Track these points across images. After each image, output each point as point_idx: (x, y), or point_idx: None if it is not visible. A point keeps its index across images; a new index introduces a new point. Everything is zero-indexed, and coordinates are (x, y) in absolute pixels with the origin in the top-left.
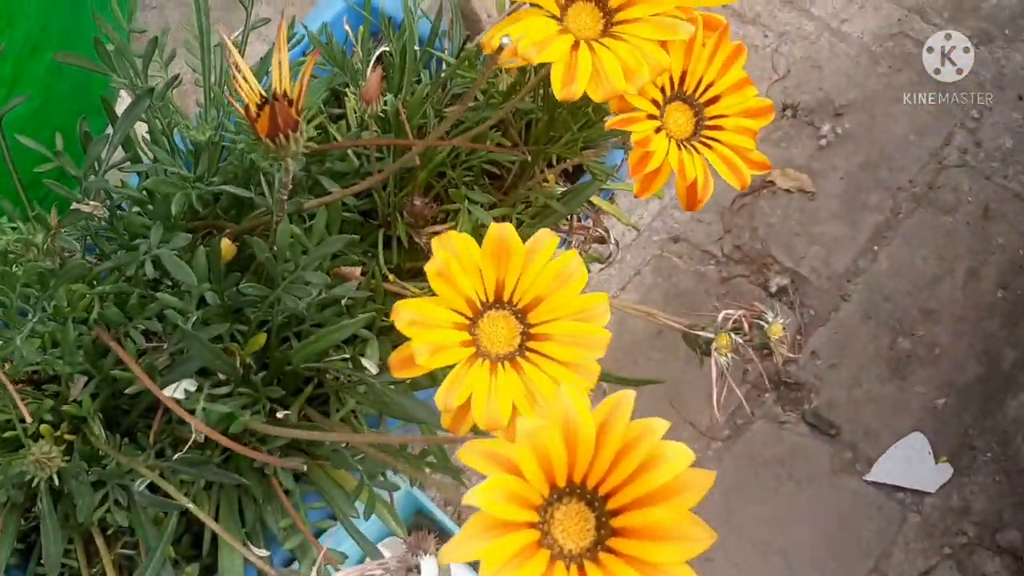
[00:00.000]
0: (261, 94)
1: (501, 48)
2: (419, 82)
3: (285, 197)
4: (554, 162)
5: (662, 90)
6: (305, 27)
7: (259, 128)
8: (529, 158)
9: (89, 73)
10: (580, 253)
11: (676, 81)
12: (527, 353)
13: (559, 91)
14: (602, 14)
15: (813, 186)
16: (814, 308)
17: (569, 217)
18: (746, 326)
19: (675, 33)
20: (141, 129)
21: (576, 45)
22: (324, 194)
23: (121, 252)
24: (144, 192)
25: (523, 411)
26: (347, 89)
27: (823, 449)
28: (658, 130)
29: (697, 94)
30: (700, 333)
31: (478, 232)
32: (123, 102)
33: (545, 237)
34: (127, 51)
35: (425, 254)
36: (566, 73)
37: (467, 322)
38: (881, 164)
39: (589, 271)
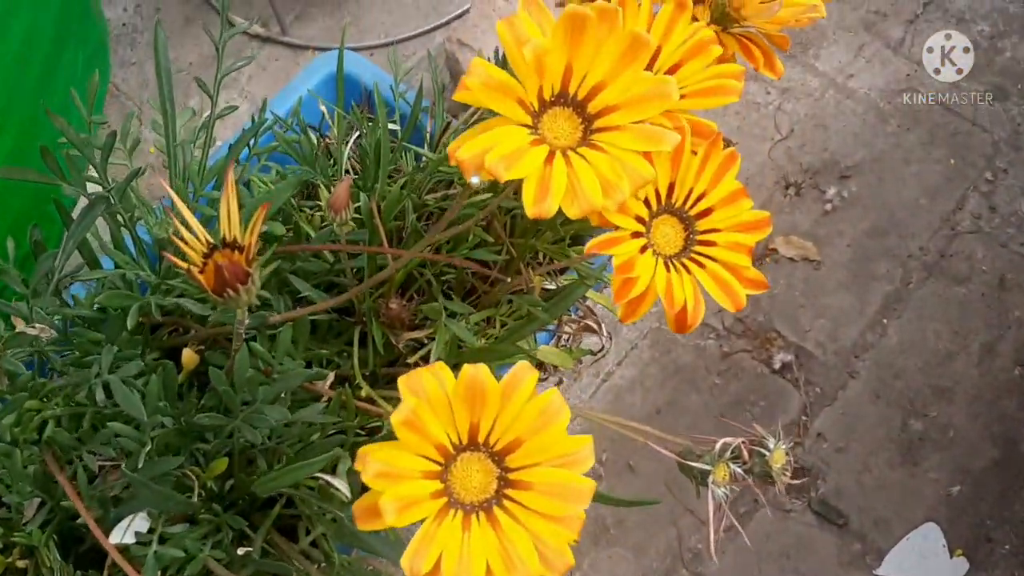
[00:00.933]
0: (208, 242)
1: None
2: (398, 170)
3: (241, 330)
4: (540, 258)
5: (647, 204)
6: (274, 115)
7: (205, 282)
8: (514, 254)
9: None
10: (569, 347)
11: (664, 193)
12: (505, 502)
13: (530, 208)
14: (581, 120)
15: (819, 254)
16: (820, 386)
17: None
18: (746, 454)
19: (659, 144)
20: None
21: (551, 156)
22: (295, 294)
23: (73, 370)
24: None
25: (498, 574)
26: (320, 180)
27: (830, 540)
28: (644, 248)
29: (687, 206)
30: (696, 465)
31: (456, 346)
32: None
33: (523, 375)
34: (88, 145)
35: (403, 358)
36: (538, 189)
37: (438, 468)
38: (890, 230)
39: (580, 362)
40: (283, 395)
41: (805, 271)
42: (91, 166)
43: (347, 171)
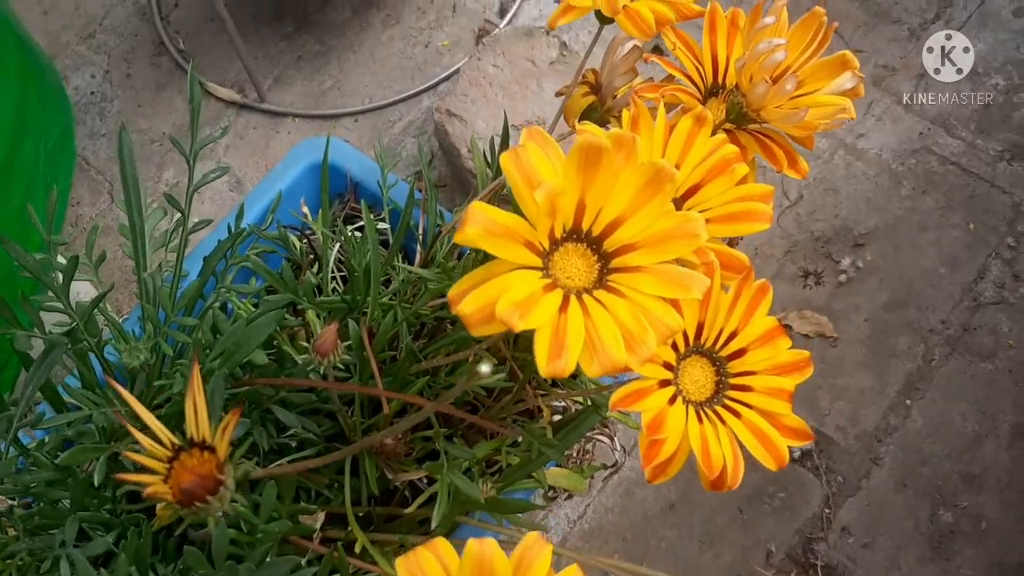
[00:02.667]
0: (173, 444)
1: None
2: (388, 280)
3: (221, 515)
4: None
5: (674, 346)
6: (250, 227)
7: (169, 495)
8: (519, 373)
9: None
10: (580, 465)
11: (692, 335)
12: None
13: (544, 368)
14: (596, 258)
15: (835, 331)
16: (842, 474)
17: None
18: None
19: (687, 290)
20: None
21: (565, 302)
22: (278, 424)
23: (35, 538)
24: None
25: None
26: (305, 305)
27: None
28: (673, 399)
29: (718, 346)
30: None
31: (459, 501)
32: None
33: (536, 553)
34: (47, 270)
35: (401, 495)
36: (553, 343)
37: None
38: (909, 302)
39: (592, 477)
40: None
41: (821, 349)
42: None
43: (332, 276)
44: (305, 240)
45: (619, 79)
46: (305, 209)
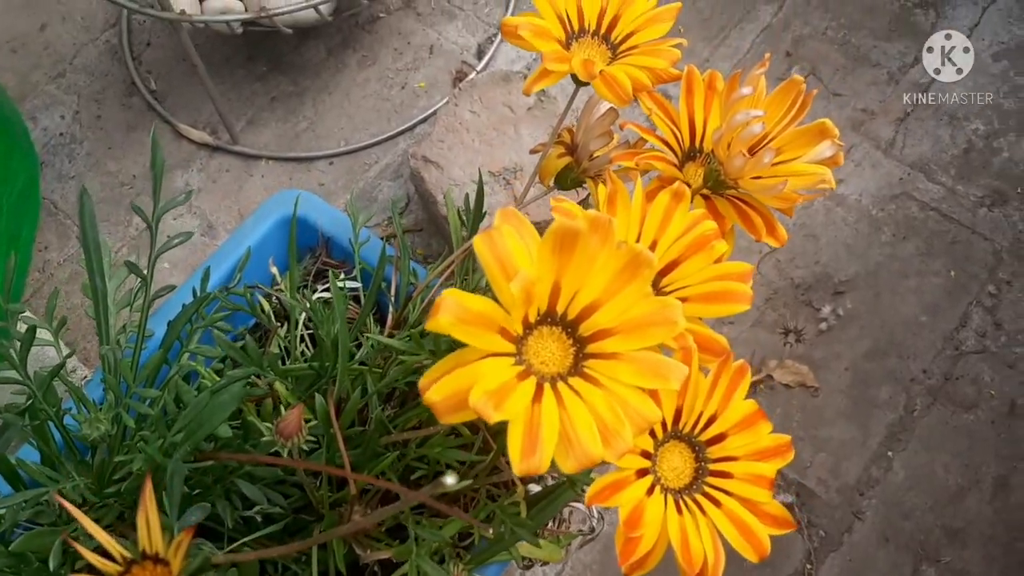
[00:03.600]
0: (124, 558)
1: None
2: (359, 346)
3: None
4: None
5: (652, 434)
6: (215, 293)
7: None
8: (492, 446)
9: None
10: (556, 536)
11: (670, 420)
12: None
13: (518, 465)
14: (572, 342)
15: (816, 380)
16: (824, 528)
17: None
18: None
19: (665, 380)
20: None
21: (539, 391)
22: (243, 499)
23: None
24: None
25: None
26: (272, 379)
27: None
28: (651, 489)
29: (696, 431)
30: None
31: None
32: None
33: None
34: (5, 337)
35: (371, 570)
36: (526, 438)
37: None
38: (890, 351)
39: (568, 545)
40: None
41: (802, 399)
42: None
43: (302, 338)
44: (275, 298)
45: (595, 141)
46: (273, 269)
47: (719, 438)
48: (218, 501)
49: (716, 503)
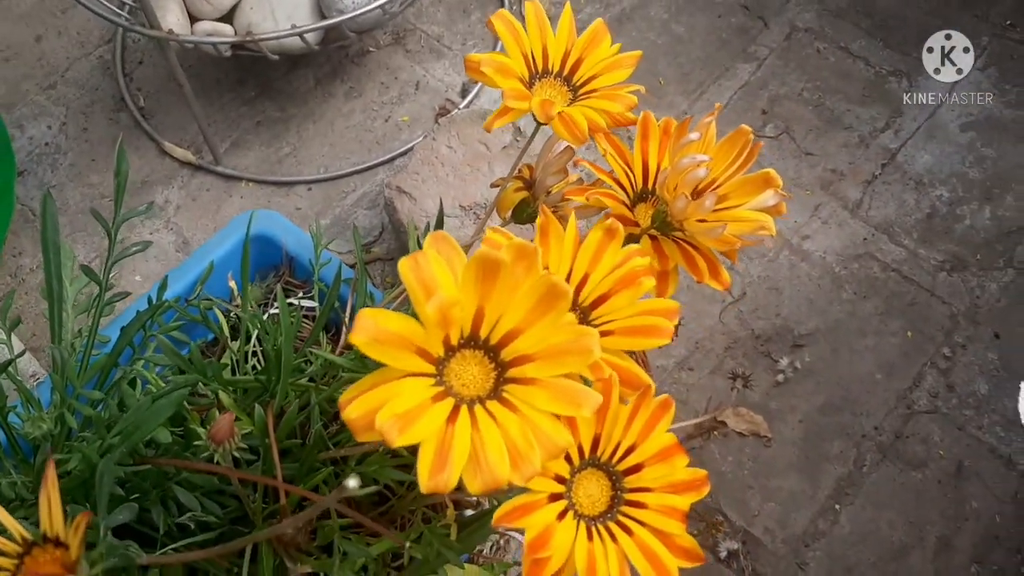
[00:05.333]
0: (24, 539)
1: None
2: (308, 361)
3: None
4: None
5: (568, 459)
6: (173, 303)
7: None
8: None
9: None
10: (492, 563)
11: (587, 447)
12: None
13: (425, 483)
14: (494, 366)
15: (769, 431)
16: None
17: None
18: None
19: (578, 407)
20: None
21: (455, 413)
22: (179, 505)
23: None
24: None
25: None
26: (214, 388)
27: None
28: (563, 514)
29: (614, 460)
30: None
31: None
32: None
33: None
34: None
35: None
36: (436, 458)
37: None
38: (844, 407)
39: (505, 574)
40: None
41: (755, 448)
42: None
43: (254, 353)
44: (233, 314)
45: (551, 178)
46: (232, 283)
47: (636, 468)
48: (154, 507)
49: (629, 532)
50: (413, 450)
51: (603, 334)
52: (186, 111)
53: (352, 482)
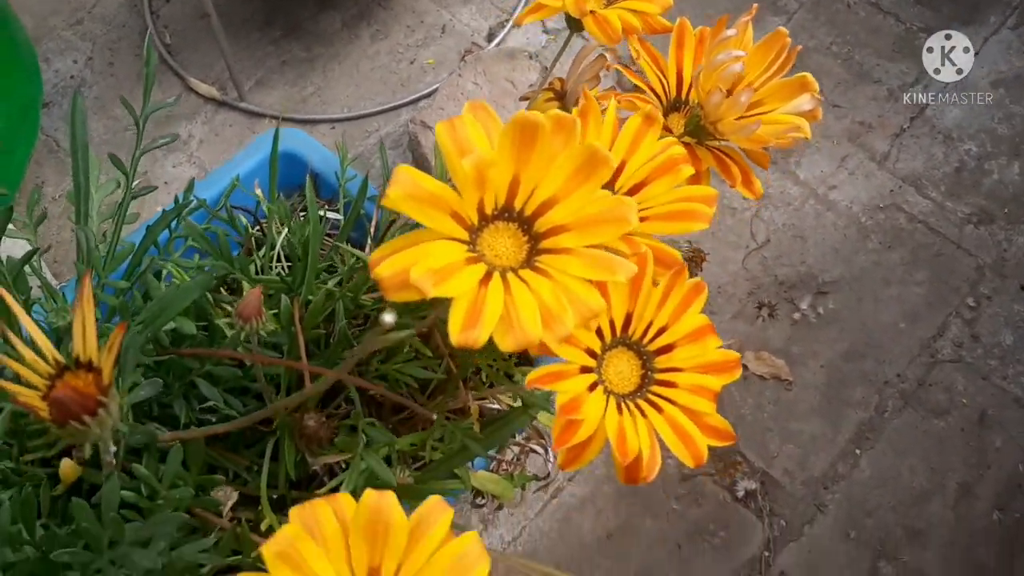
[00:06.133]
0: (57, 361)
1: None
2: (333, 267)
3: (110, 459)
4: (483, 376)
5: (600, 335)
6: (197, 199)
7: (43, 408)
8: (453, 370)
9: None
10: (512, 474)
11: (619, 324)
12: None
13: (455, 336)
14: (527, 239)
15: (791, 374)
16: (785, 518)
17: None
18: None
19: (612, 273)
20: None
21: (487, 278)
22: (201, 399)
23: None
24: None
25: None
26: (241, 276)
27: None
28: (593, 386)
29: (646, 340)
30: None
31: (372, 484)
32: None
33: (436, 515)
34: None
35: (320, 478)
36: (468, 314)
37: None
38: (867, 353)
39: (524, 489)
40: (159, 535)
41: (775, 391)
42: None
43: (279, 265)
44: (258, 227)
45: (584, 86)
46: (258, 191)
47: (667, 348)
48: (176, 400)
49: (658, 409)
50: (437, 353)
51: (641, 219)
52: (212, 48)
53: (388, 317)
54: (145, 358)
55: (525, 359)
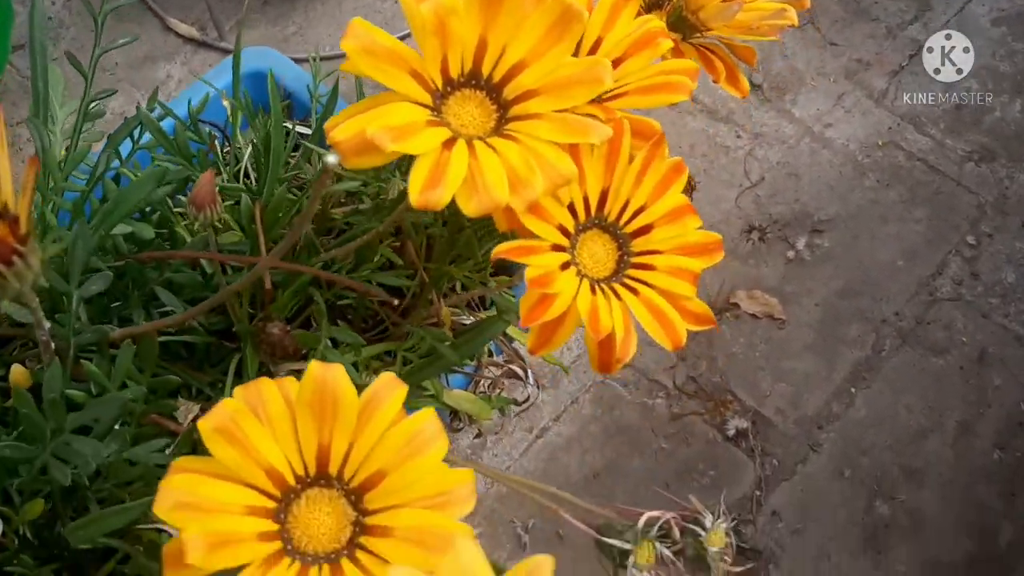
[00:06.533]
0: None
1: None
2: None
3: (46, 338)
4: (458, 289)
5: (573, 212)
6: (161, 104)
7: None
8: (426, 281)
9: None
10: (491, 396)
11: (594, 203)
12: (358, 553)
13: (415, 196)
14: (496, 108)
15: (783, 313)
16: (778, 458)
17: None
18: (676, 532)
19: (584, 134)
20: None
21: (451, 142)
22: (162, 308)
23: None
24: None
25: None
26: (196, 172)
27: None
28: (566, 265)
29: (622, 221)
30: (615, 542)
31: None
32: None
33: (389, 388)
34: None
35: None
36: (431, 173)
37: (272, 505)
38: (863, 291)
39: (504, 414)
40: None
41: (768, 330)
42: None
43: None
44: (227, 149)
45: None
46: (226, 102)
47: (645, 230)
48: (135, 310)
49: (634, 292)
50: (410, 262)
51: (616, 96)
52: None
53: (331, 158)
54: (102, 263)
55: (502, 268)
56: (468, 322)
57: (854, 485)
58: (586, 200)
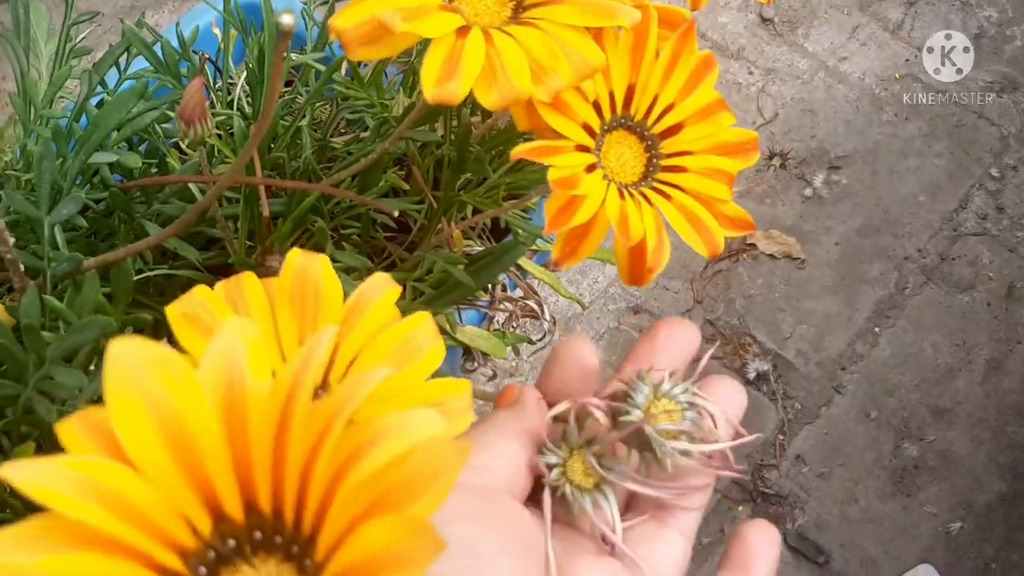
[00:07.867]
0: None
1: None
2: (290, 86)
3: (11, 256)
4: (469, 214)
5: (598, 110)
6: (150, 28)
7: None
8: (435, 207)
9: None
10: (505, 332)
11: (620, 101)
12: None
13: (430, 89)
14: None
15: (802, 252)
16: (800, 401)
17: (491, 286)
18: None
19: (610, 17)
20: None
21: (465, 30)
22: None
23: None
24: None
25: None
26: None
27: None
28: (591, 167)
29: (650, 120)
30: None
31: None
32: None
33: (379, 287)
34: None
35: None
36: (445, 63)
37: None
38: (884, 228)
39: (518, 354)
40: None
41: (787, 270)
42: None
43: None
44: (219, 85)
45: None
46: (216, 30)
47: (674, 129)
48: (121, 243)
49: (666, 197)
50: (418, 189)
51: None
52: None
53: (287, 18)
54: (84, 196)
55: (514, 196)
56: (479, 249)
57: (880, 427)
58: (612, 97)
